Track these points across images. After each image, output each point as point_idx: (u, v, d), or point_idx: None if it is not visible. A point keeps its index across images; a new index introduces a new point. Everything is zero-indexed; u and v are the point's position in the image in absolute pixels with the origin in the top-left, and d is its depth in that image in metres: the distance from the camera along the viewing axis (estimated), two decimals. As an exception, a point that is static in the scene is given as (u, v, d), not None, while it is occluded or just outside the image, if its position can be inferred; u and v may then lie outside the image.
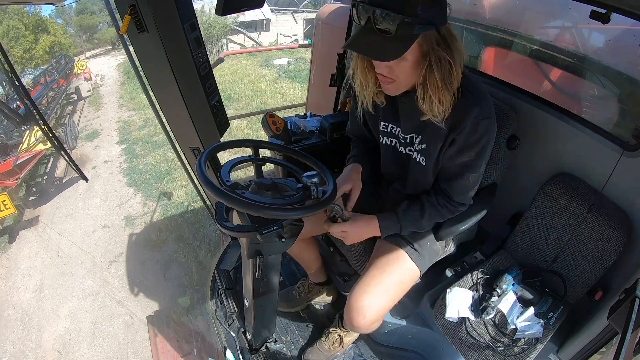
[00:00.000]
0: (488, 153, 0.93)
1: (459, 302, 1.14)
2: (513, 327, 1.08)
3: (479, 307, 1.13)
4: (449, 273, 1.26)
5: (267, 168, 1.03)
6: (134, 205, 4.81)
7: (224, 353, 1.38)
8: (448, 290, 1.16)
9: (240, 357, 1.35)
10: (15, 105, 5.72)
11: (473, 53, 1.67)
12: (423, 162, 0.97)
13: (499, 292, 1.14)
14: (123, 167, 5.98)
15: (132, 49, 1.10)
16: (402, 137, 1.00)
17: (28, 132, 5.89)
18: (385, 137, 1.04)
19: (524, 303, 1.14)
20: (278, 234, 0.82)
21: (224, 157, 1.00)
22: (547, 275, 1.19)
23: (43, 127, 1.81)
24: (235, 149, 1.00)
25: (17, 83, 1.63)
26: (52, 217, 4.90)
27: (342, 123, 1.49)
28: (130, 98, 9.64)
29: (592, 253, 1.10)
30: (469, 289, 1.18)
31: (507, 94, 1.26)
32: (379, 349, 1.39)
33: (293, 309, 1.55)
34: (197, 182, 1.77)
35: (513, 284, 1.17)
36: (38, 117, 1.71)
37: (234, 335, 1.38)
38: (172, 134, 1.41)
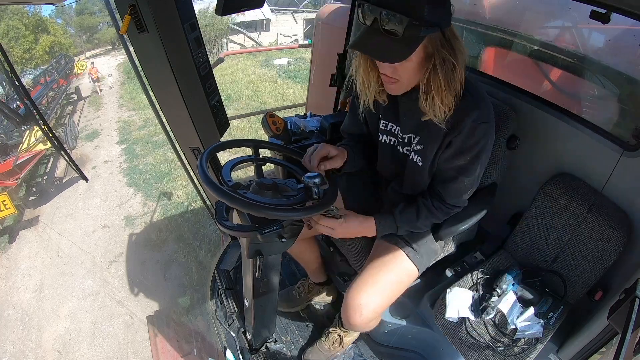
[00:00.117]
0: (485, 158, 0.92)
1: (459, 302, 1.14)
2: (513, 327, 1.08)
3: (479, 307, 1.13)
4: (449, 273, 1.26)
5: (267, 168, 1.03)
6: (134, 205, 4.82)
7: (224, 353, 1.38)
8: (448, 290, 1.16)
9: (240, 357, 1.35)
10: (15, 105, 5.73)
11: (473, 53, 1.66)
12: (420, 162, 0.97)
13: (499, 292, 1.14)
14: (123, 167, 5.98)
15: (132, 49, 1.10)
16: (400, 136, 1.00)
17: (28, 132, 5.90)
18: (385, 135, 1.05)
19: (524, 303, 1.14)
20: (278, 234, 0.82)
21: (224, 157, 1.00)
22: (547, 275, 1.19)
23: (43, 127, 1.81)
24: (235, 149, 1.00)
25: (17, 83, 1.63)
26: (52, 217, 4.91)
27: (342, 123, 1.49)
28: (130, 98, 9.66)
29: (592, 253, 1.10)
30: (469, 289, 1.18)
31: (507, 94, 1.26)
32: (379, 349, 1.38)
33: (293, 309, 1.55)
34: (197, 182, 1.78)
35: (513, 284, 1.16)
36: (38, 117, 1.71)
37: (234, 335, 1.38)
38: (172, 134, 1.41)
